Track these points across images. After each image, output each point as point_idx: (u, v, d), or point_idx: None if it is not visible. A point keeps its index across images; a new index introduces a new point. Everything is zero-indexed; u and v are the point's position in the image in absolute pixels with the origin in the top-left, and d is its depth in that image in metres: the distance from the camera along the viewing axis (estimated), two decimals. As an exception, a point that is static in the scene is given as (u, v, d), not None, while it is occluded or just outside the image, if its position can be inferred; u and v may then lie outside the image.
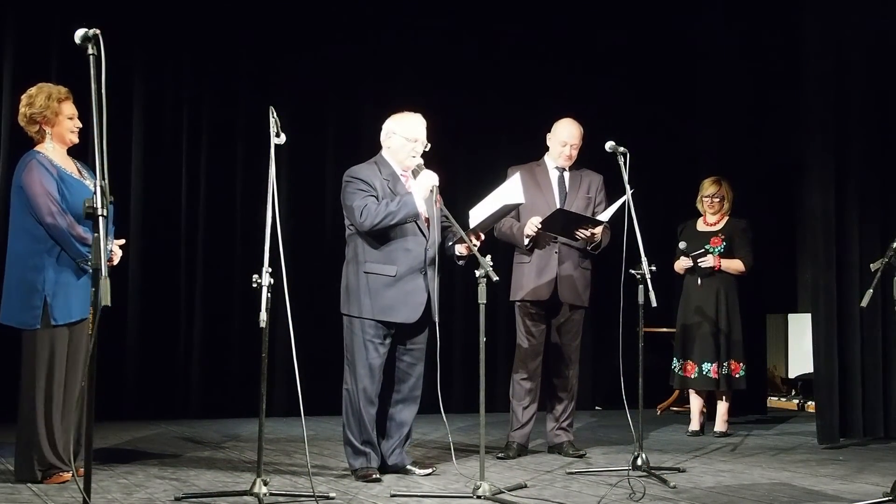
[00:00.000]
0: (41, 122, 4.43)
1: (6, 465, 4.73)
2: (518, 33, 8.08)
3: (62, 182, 4.32)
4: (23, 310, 4.29)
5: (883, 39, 6.31)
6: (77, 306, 4.29)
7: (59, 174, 4.33)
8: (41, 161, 4.34)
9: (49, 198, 4.25)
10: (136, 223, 6.94)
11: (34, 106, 4.42)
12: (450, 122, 7.10)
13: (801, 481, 4.74)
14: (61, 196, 4.28)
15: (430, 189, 4.56)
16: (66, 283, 4.29)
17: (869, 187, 6.30)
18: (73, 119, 4.48)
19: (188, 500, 4.02)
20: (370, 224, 4.56)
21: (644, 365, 4.99)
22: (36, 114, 4.42)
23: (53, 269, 4.28)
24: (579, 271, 5.42)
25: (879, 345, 6.23)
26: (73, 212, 4.27)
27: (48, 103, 4.40)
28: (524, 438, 5.42)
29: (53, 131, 4.45)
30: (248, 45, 7.34)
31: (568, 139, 5.44)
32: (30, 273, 4.28)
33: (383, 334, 4.63)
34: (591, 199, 5.48)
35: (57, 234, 4.25)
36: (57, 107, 4.42)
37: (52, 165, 4.33)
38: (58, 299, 4.27)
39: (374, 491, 4.33)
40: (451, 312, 6.87)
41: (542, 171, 5.51)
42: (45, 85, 4.48)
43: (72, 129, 4.48)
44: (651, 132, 8.14)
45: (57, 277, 4.28)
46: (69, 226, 4.25)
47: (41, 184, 4.27)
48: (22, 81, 6.67)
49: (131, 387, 6.87)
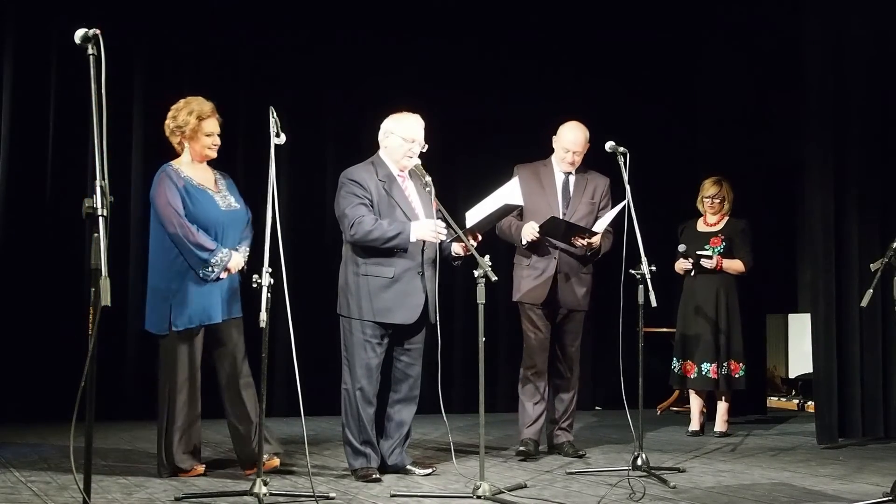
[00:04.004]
0: (181, 136, 4.59)
1: (7, 465, 4.74)
2: (518, 33, 8.07)
3: (187, 193, 4.48)
4: (155, 316, 4.52)
5: (883, 39, 6.31)
6: (198, 313, 4.47)
7: (185, 186, 4.49)
8: (169, 174, 4.52)
9: (171, 209, 4.43)
10: (136, 223, 6.94)
11: (177, 120, 4.60)
12: (449, 122, 7.10)
13: (801, 481, 4.75)
14: (184, 207, 4.45)
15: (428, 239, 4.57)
16: (187, 290, 4.46)
17: (869, 187, 6.30)
18: (211, 136, 4.61)
19: (188, 500, 4.02)
20: (359, 238, 4.57)
21: (644, 365, 4.99)
22: (177, 128, 4.59)
23: (178, 277, 4.46)
24: (579, 277, 5.39)
25: (879, 345, 6.23)
26: (194, 221, 4.44)
27: (188, 119, 4.56)
28: (537, 435, 5.40)
29: (191, 146, 4.61)
30: (249, 45, 7.34)
31: (571, 146, 5.36)
32: (160, 281, 4.52)
33: (381, 335, 4.63)
34: (594, 205, 5.43)
35: (178, 242, 4.43)
36: (197, 124, 4.57)
37: (179, 178, 4.51)
38: (179, 306, 4.46)
39: (374, 491, 4.33)
40: (450, 312, 6.87)
41: (548, 172, 5.46)
42: (193, 99, 4.63)
43: (209, 146, 4.62)
44: (651, 132, 8.13)
45: (180, 285, 4.46)
46: (188, 234, 4.40)
47: (166, 196, 4.46)
48: (22, 81, 6.74)
49: (131, 387, 6.87)
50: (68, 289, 6.49)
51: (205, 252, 4.42)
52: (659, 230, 7.03)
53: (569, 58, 8.21)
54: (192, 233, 4.42)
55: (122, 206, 6.77)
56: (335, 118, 7.61)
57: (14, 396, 6.42)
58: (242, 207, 4.70)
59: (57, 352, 6.42)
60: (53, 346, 6.49)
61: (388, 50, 7.65)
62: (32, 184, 6.74)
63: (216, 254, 4.44)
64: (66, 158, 6.77)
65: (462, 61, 7.86)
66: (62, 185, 6.74)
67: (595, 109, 7.00)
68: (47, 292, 6.61)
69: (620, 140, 5.05)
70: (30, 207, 6.72)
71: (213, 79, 7.21)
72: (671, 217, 7.15)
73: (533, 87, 7.98)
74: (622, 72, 8.29)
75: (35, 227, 6.70)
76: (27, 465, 4.81)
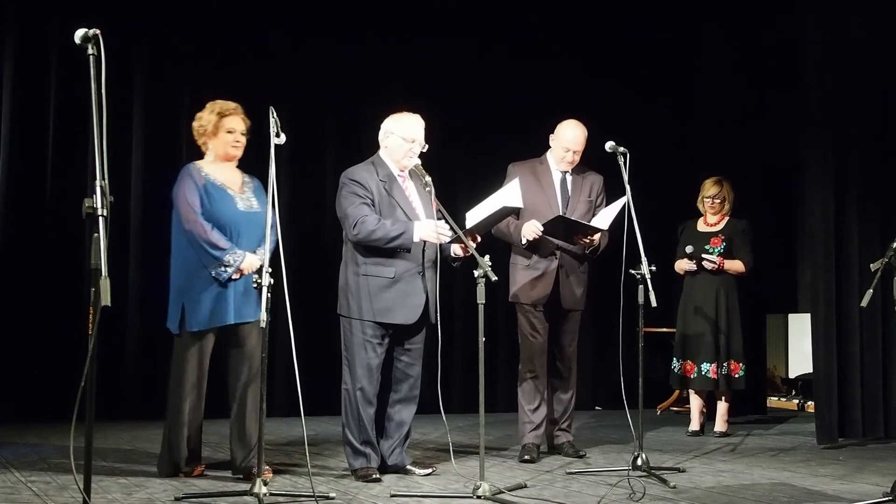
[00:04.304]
0: (205, 136, 4.57)
1: (7, 465, 4.74)
2: (518, 33, 8.08)
3: (206, 192, 4.44)
4: (171, 314, 4.51)
5: (883, 39, 6.32)
6: (208, 314, 4.41)
7: (205, 184, 4.46)
8: (190, 171, 4.51)
9: (188, 206, 4.40)
10: (136, 223, 6.94)
11: (200, 120, 4.59)
12: (449, 122, 7.10)
13: (801, 481, 4.75)
14: (202, 205, 4.41)
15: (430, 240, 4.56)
16: (200, 290, 4.42)
17: (869, 187, 6.31)
18: (233, 133, 4.58)
19: (188, 500, 4.02)
20: (362, 238, 4.56)
21: (644, 365, 4.99)
22: (200, 127, 4.58)
23: (192, 276, 4.43)
24: (577, 276, 5.38)
25: (879, 345, 6.24)
26: (210, 220, 4.40)
27: (210, 117, 4.54)
28: (539, 439, 5.37)
29: (214, 145, 4.57)
30: (249, 45, 7.34)
31: (571, 145, 5.33)
32: (176, 279, 4.51)
33: (381, 335, 4.63)
34: (591, 203, 5.43)
35: (192, 239, 4.40)
36: (217, 120, 4.54)
37: (199, 176, 4.48)
38: (191, 306, 4.42)
39: (374, 491, 4.33)
40: (450, 312, 6.87)
41: (545, 170, 5.43)
42: (219, 101, 4.61)
43: (232, 144, 4.56)
44: (651, 132, 8.13)
45: (193, 284, 4.43)
46: (201, 231, 4.37)
47: (184, 193, 4.44)
48: (22, 81, 6.74)
49: (131, 387, 6.88)
50: (68, 289, 6.49)
51: (217, 250, 4.37)
52: (659, 230, 7.04)
53: (569, 58, 8.20)
54: (206, 230, 4.38)
55: (122, 206, 6.77)
56: (335, 118, 7.61)
57: (14, 396, 6.42)
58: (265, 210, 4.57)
59: (57, 352, 6.42)
60: (53, 346, 6.49)
61: (388, 50, 7.65)
62: (32, 184, 6.74)
63: (229, 253, 4.38)
64: (66, 158, 6.77)
65: (462, 61, 7.86)
66: (62, 185, 6.74)
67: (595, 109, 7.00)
68: (47, 292, 6.60)
69: (620, 140, 5.04)
70: (30, 207, 6.72)
71: (213, 79, 7.20)
72: (671, 217, 7.15)
73: (533, 87, 7.98)
74: (622, 72, 8.30)
75: (35, 227, 6.70)
76: (27, 465, 4.81)
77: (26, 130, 6.74)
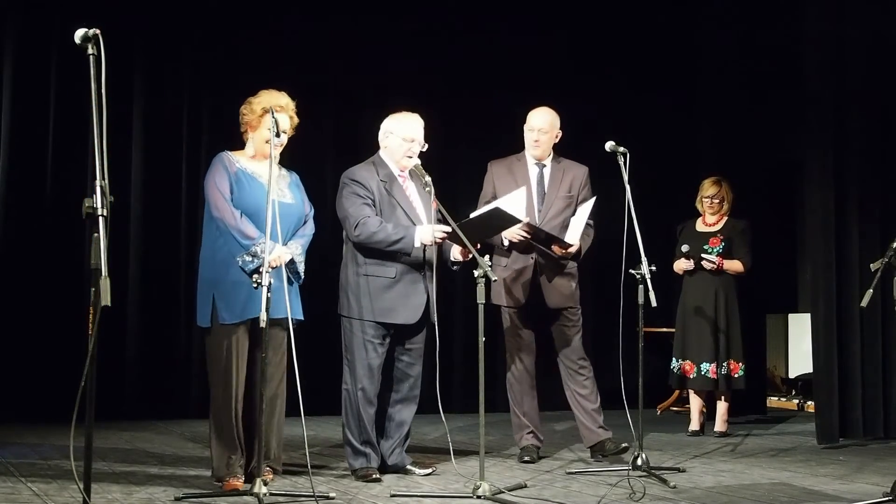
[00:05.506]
0: (247, 127, 4.46)
1: (6, 465, 4.74)
2: (518, 32, 8.07)
3: (237, 180, 4.34)
4: (201, 308, 4.35)
5: (883, 39, 6.31)
6: (252, 305, 4.17)
7: (237, 172, 4.36)
8: (222, 159, 4.40)
9: (217, 192, 4.29)
10: (136, 223, 6.94)
11: (247, 108, 4.45)
12: (449, 121, 7.09)
13: (801, 481, 4.75)
14: (231, 192, 4.30)
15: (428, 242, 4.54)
16: (230, 281, 4.26)
17: (869, 187, 6.30)
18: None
19: (188, 500, 4.02)
20: (364, 239, 4.56)
21: (644, 365, 4.99)
22: (243, 118, 4.46)
23: (221, 268, 4.28)
24: (562, 275, 5.21)
25: (879, 345, 6.24)
26: (239, 207, 4.28)
27: (254, 109, 4.41)
28: (538, 440, 5.33)
29: (253, 137, 4.45)
30: (248, 45, 7.34)
31: (535, 124, 5.21)
32: (206, 271, 4.37)
33: (382, 335, 4.63)
34: (572, 198, 5.24)
35: (221, 227, 4.27)
36: (262, 114, 4.37)
37: (232, 164, 4.37)
38: (222, 298, 4.27)
39: (374, 491, 4.33)
40: (450, 312, 6.87)
41: (521, 166, 5.28)
42: (267, 92, 4.48)
43: (268, 140, 4.32)
44: (650, 132, 8.13)
45: (223, 276, 4.27)
46: (230, 218, 4.24)
47: (214, 180, 4.33)
48: (22, 81, 6.74)
49: (131, 387, 6.87)
50: (68, 289, 6.49)
51: (246, 239, 4.23)
52: (659, 230, 7.03)
53: (568, 57, 8.20)
54: (235, 217, 4.25)
55: (122, 206, 6.77)
56: (335, 118, 7.61)
57: (14, 396, 6.42)
58: (299, 203, 4.51)
59: (57, 352, 6.42)
60: (53, 346, 6.49)
61: (388, 50, 7.65)
62: (32, 184, 6.74)
63: (257, 243, 4.22)
64: (66, 158, 6.77)
65: (462, 61, 7.86)
66: (62, 185, 6.74)
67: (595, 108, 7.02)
68: (47, 292, 6.60)
69: (620, 140, 5.04)
70: (30, 207, 6.72)
71: (213, 79, 7.22)
72: (671, 217, 7.14)
73: (533, 87, 7.95)
74: (622, 71, 8.29)
75: (35, 227, 6.69)
76: (27, 465, 4.81)
77: (26, 130, 6.74)
